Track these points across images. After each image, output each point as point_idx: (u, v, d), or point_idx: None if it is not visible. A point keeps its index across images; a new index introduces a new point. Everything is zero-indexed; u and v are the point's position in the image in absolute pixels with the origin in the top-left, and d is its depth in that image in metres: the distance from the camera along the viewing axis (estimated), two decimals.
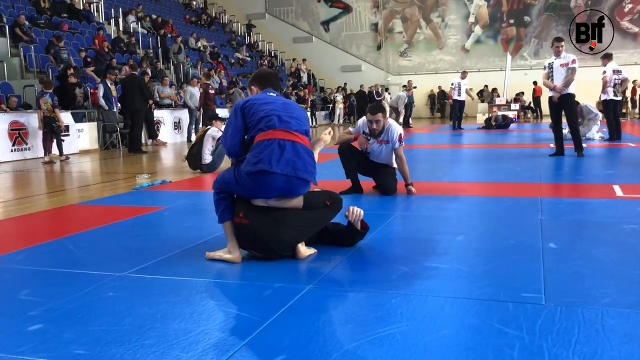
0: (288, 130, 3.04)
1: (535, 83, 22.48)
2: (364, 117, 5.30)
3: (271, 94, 3.27)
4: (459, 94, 15.86)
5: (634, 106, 20.85)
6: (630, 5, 25.29)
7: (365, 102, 18.96)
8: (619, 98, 10.99)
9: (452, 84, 16.06)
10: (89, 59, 13.82)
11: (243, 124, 3.11)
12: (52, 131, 9.97)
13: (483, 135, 14.26)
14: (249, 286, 2.77)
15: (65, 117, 11.03)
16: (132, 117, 11.55)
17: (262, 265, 3.09)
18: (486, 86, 24.86)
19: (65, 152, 10.31)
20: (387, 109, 17.37)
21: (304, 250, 3.17)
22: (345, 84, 26.33)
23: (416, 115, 24.16)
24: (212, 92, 11.32)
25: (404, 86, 19.21)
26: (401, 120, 17.81)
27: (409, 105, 18.98)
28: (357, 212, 3.27)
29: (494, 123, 16.27)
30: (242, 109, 3.12)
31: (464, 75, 16.14)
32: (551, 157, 8.01)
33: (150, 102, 12.75)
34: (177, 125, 15.09)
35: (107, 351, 2.01)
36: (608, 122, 10.85)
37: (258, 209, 3.13)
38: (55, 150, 10.84)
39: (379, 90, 22.47)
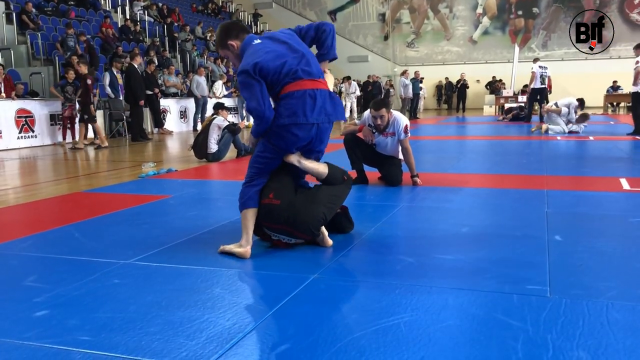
0: (313, 79, 3.01)
1: None
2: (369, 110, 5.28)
3: (257, 41, 3.07)
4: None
5: None
6: None
7: (373, 95, 18.79)
8: None
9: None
10: (91, 43, 13.78)
11: (265, 84, 2.95)
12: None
13: (489, 127, 14.20)
14: (253, 275, 2.77)
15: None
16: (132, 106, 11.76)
17: (266, 254, 3.10)
18: (494, 77, 24.76)
19: (75, 139, 10.62)
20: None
21: (328, 238, 3.21)
22: (361, 81, 26.14)
23: (424, 106, 24.12)
24: (90, 82, 10.25)
25: (403, 73, 19.03)
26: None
27: (415, 96, 18.86)
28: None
29: (521, 114, 15.36)
30: (257, 72, 2.90)
31: (536, 61, 14.71)
32: (558, 151, 8.01)
33: (156, 90, 12.77)
34: (183, 114, 15.10)
35: (112, 338, 2.02)
36: (635, 115, 10.43)
37: (287, 188, 3.13)
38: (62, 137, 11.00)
39: (385, 84, 22.24)
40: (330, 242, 3.21)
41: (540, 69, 13.87)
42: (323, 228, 3.18)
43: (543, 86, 14.01)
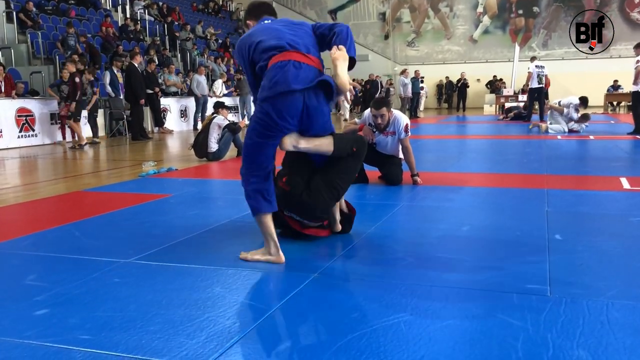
0: (301, 52, 2.81)
1: None
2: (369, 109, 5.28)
3: (267, 21, 3.01)
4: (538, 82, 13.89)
5: None
6: None
7: (371, 94, 18.77)
8: None
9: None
10: (91, 42, 13.73)
11: (251, 64, 2.86)
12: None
13: (489, 126, 14.20)
14: (254, 274, 2.77)
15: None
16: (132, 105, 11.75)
17: None
18: (495, 77, 24.77)
19: (75, 138, 10.55)
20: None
21: (339, 223, 3.30)
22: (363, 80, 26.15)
23: (425, 105, 24.11)
24: (78, 80, 9.97)
25: (402, 72, 19.03)
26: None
27: (416, 95, 18.85)
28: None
29: (523, 112, 15.27)
30: (247, 50, 2.86)
31: (533, 60, 14.47)
32: (558, 150, 8.02)
33: (157, 89, 12.77)
34: (183, 113, 15.10)
35: (112, 337, 2.02)
36: (635, 114, 10.35)
37: (299, 173, 3.11)
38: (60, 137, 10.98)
39: (386, 83, 22.19)
40: (339, 227, 3.29)
41: (537, 68, 13.85)
42: (337, 213, 3.25)
43: (540, 85, 13.98)
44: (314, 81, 2.77)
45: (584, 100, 10.79)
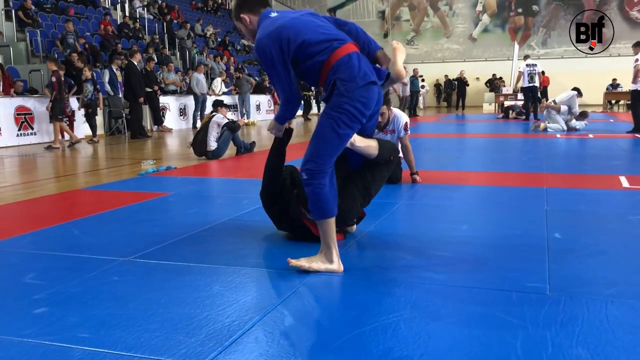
0: (353, 42, 2.72)
1: (543, 73, 22.31)
2: None
3: (273, 14, 2.78)
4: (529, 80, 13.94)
5: None
6: None
7: None
8: None
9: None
10: (86, 45, 13.70)
11: (292, 60, 2.63)
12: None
13: (489, 124, 14.20)
14: (253, 272, 2.77)
15: (71, 102, 11.07)
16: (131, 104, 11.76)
17: (266, 251, 3.10)
18: (494, 75, 24.78)
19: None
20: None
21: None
22: None
23: (426, 103, 24.11)
24: (55, 80, 9.75)
25: None
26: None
27: (414, 93, 18.86)
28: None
29: (523, 110, 15.10)
30: (285, 45, 2.60)
31: (526, 58, 14.50)
32: (557, 148, 8.02)
33: (156, 88, 12.76)
34: (182, 112, 15.09)
35: (111, 335, 2.02)
36: (634, 113, 10.30)
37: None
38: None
39: None
40: (354, 228, 3.39)
41: (528, 67, 13.87)
42: None
43: (532, 84, 13.95)
44: (381, 74, 2.74)
45: (578, 90, 10.84)
